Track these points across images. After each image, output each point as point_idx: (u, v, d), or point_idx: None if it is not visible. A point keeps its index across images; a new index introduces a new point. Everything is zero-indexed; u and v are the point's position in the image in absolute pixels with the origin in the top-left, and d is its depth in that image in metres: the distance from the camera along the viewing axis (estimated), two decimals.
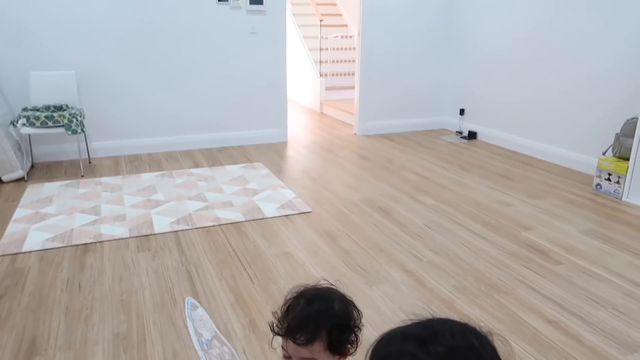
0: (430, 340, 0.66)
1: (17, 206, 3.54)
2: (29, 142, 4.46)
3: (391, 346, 0.69)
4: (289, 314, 1.01)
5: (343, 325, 0.99)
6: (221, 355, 1.13)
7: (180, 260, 2.82)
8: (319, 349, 0.96)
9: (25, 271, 2.68)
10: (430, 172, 4.38)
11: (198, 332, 1.09)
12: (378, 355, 0.70)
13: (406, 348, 0.66)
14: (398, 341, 0.69)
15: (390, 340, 0.71)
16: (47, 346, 2.08)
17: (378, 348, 0.71)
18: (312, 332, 0.95)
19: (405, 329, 0.71)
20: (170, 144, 5.07)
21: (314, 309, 0.99)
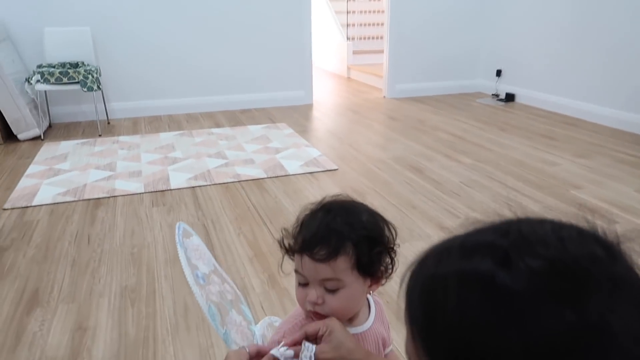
0: (516, 250, 0.40)
1: (31, 163, 3.40)
2: (45, 101, 4.31)
3: (444, 266, 0.43)
4: (303, 229, 0.77)
5: (373, 238, 0.76)
6: (222, 293, 0.90)
7: (197, 215, 2.62)
8: (344, 267, 0.73)
9: (34, 224, 2.53)
10: (465, 133, 4.07)
11: (192, 264, 0.85)
12: (422, 281, 0.45)
13: (472, 267, 0.41)
14: (456, 257, 0.43)
15: (441, 256, 0.45)
16: (49, 298, 1.91)
17: (421, 270, 0.46)
18: (334, 244, 0.72)
19: (465, 239, 0.45)
20: (191, 106, 4.86)
21: (336, 218, 0.75)
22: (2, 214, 2.62)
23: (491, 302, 0.38)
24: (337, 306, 0.76)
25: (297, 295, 0.79)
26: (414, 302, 0.45)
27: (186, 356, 1.60)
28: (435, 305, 0.42)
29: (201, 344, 1.66)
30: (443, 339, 0.41)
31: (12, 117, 3.81)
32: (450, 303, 0.40)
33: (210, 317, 0.83)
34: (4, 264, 2.15)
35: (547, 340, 0.36)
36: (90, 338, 1.68)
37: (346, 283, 0.75)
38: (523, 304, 0.37)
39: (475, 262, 0.41)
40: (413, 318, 0.45)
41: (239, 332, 0.89)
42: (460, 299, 0.40)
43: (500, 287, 0.38)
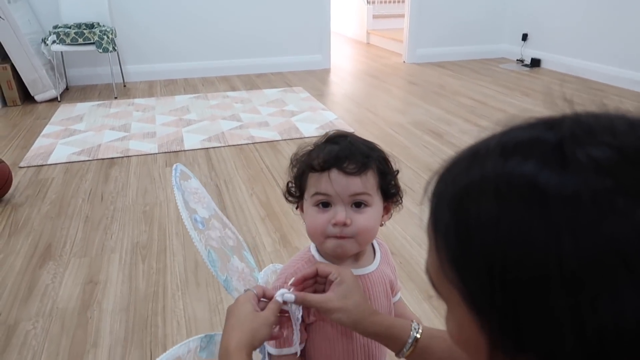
0: (571, 141, 0.32)
1: (47, 123, 3.40)
2: (62, 63, 4.30)
3: (478, 169, 0.36)
4: (319, 153, 0.74)
5: (388, 161, 0.77)
6: (223, 239, 0.86)
7: (210, 175, 2.59)
8: (372, 182, 0.72)
9: (49, 182, 2.53)
10: (487, 98, 3.93)
11: (190, 207, 0.80)
12: (452, 186, 0.37)
13: (511, 169, 0.33)
14: (492, 159, 0.35)
15: (475, 158, 0.37)
16: (62, 252, 1.91)
17: (452, 175, 0.38)
18: (362, 159, 0.71)
19: (502, 138, 0.37)
20: (207, 69, 4.80)
21: (353, 141, 0.75)
22: (18, 171, 2.63)
23: (537, 209, 0.31)
24: (365, 225, 0.72)
25: (316, 221, 0.73)
26: (441, 211, 0.38)
27: (195, 310, 1.59)
28: (468, 215, 0.35)
29: (210, 299, 1.64)
30: (476, 254, 0.34)
31: (29, 78, 3.80)
32: (486, 213, 0.33)
33: (209, 262, 0.79)
34: (18, 219, 2.16)
35: (612, 249, 0.29)
36: (100, 291, 1.68)
37: (374, 200, 0.73)
38: (580, 207, 0.30)
39: (514, 163, 0.33)
40: (439, 229, 0.38)
41: (241, 279, 0.85)
42: (499, 208, 0.33)
43: (548, 190, 0.31)
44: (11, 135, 3.21)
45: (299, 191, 0.78)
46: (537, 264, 0.31)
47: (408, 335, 0.70)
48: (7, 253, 1.91)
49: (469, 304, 0.36)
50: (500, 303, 0.33)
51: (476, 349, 0.37)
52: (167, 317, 1.56)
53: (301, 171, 0.76)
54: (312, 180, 0.74)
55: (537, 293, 0.31)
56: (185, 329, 1.51)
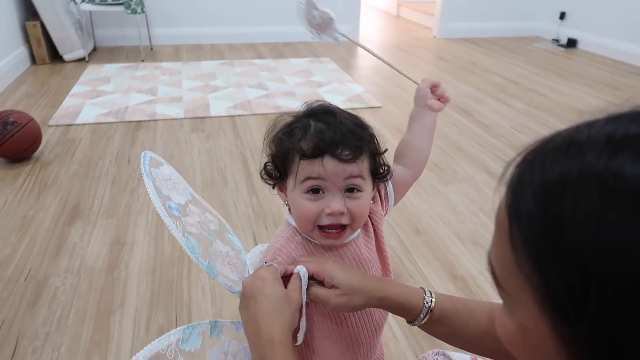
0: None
1: (75, 83, 3.41)
2: (90, 23, 4.28)
3: (578, 161, 0.31)
4: (305, 135, 0.68)
5: (376, 139, 0.73)
6: (202, 223, 0.79)
7: (235, 143, 2.58)
8: (367, 166, 0.70)
9: (77, 141, 2.55)
10: (519, 77, 3.82)
11: (163, 195, 0.74)
12: (542, 176, 0.33)
13: (620, 167, 0.30)
14: (598, 149, 0.31)
15: (573, 147, 0.33)
16: (89, 212, 1.94)
17: (542, 162, 0.34)
18: (355, 143, 0.67)
19: (607, 128, 0.33)
20: (233, 36, 4.74)
21: (342, 120, 0.69)
22: (47, 130, 2.65)
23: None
24: (360, 211, 0.70)
25: (307, 209, 0.68)
26: (525, 198, 0.34)
27: None
28: (562, 209, 0.31)
29: None
30: (568, 254, 0.30)
31: (58, 37, 3.80)
32: (585, 211, 0.29)
33: (188, 249, 0.73)
34: (47, 176, 2.19)
35: None
36: (127, 252, 1.71)
37: (367, 184, 0.70)
38: None
39: (623, 160, 0.30)
40: (520, 217, 0.34)
41: (226, 262, 0.79)
42: (603, 208, 0.29)
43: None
44: (40, 93, 3.23)
45: (280, 172, 0.73)
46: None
47: (420, 308, 0.68)
48: (36, 209, 1.94)
49: (547, 307, 0.32)
50: (594, 314, 0.29)
51: (541, 357, 0.34)
52: (192, 282, 1.57)
53: (284, 151, 0.70)
54: (299, 165, 0.68)
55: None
56: (210, 295, 1.52)
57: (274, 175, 0.74)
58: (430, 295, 0.69)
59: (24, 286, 1.54)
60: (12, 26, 3.59)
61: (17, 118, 2.27)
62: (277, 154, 0.72)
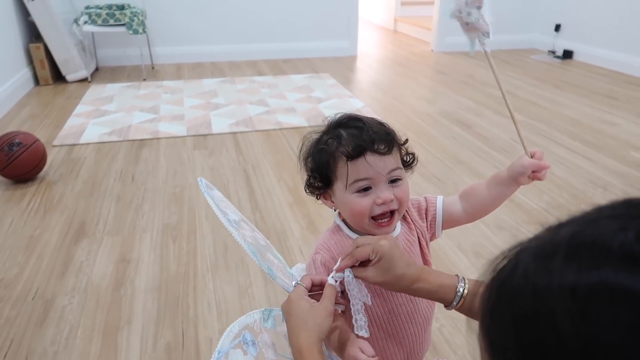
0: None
1: (79, 103, 3.46)
2: (92, 44, 4.35)
3: (557, 275, 0.32)
4: (340, 141, 0.77)
5: (395, 133, 0.82)
6: (255, 238, 0.87)
7: (237, 159, 2.61)
8: (399, 157, 0.80)
9: (81, 161, 2.58)
10: (517, 89, 3.86)
11: (222, 210, 0.81)
12: (517, 298, 0.33)
13: (610, 278, 0.30)
14: (573, 265, 0.31)
15: (547, 262, 0.33)
16: (95, 230, 1.96)
17: (510, 288, 0.34)
18: (387, 138, 0.78)
19: (578, 237, 0.33)
20: (234, 53, 4.81)
21: (369, 123, 0.79)
22: (51, 150, 2.68)
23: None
24: (405, 197, 0.79)
25: (361, 205, 0.77)
26: (501, 331, 0.34)
27: (225, 293, 1.61)
28: (547, 337, 0.31)
29: (240, 282, 1.67)
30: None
31: (61, 58, 3.86)
32: (574, 333, 0.30)
33: (251, 253, 0.80)
34: (53, 196, 2.22)
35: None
36: (133, 270, 1.72)
37: (404, 173, 0.80)
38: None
39: (607, 272, 0.30)
40: (498, 350, 0.34)
41: (279, 269, 0.86)
42: (599, 324, 0.29)
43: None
44: (44, 114, 3.27)
45: (324, 181, 0.80)
46: None
47: (454, 294, 0.74)
48: (43, 229, 1.96)
49: None
50: None
51: None
52: (198, 298, 1.59)
53: (327, 160, 0.78)
54: (348, 169, 0.76)
55: None
56: (216, 311, 1.53)
57: (317, 186, 0.82)
58: (463, 282, 0.75)
59: (31, 305, 1.55)
60: (16, 48, 3.65)
61: (22, 139, 2.30)
62: (319, 165, 0.80)
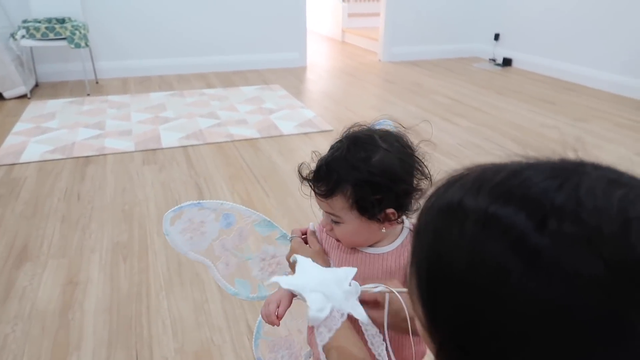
0: (557, 213, 0.32)
1: (18, 121, 3.30)
2: (31, 59, 4.17)
3: (473, 198, 0.36)
4: (322, 159, 0.76)
5: (376, 183, 0.70)
6: (234, 249, 0.89)
7: (189, 173, 2.56)
8: (340, 206, 0.72)
9: (22, 181, 2.46)
10: (463, 96, 4.00)
11: (196, 256, 0.87)
12: (440, 206, 0.39)
13: (503, 214, 0.34)
14: (490, 193, 0.35)
15: (476, 185, 0.37)
16: (39, 253, 1.86)
17: (444, 194, 0.39)
18: (332, 183, 0.71)
19: (509, 177, 0.36)
20: (182, 66, 4.73)
21: (342, 154, 0.72)
22: None
23: (516, 256, 0.32)
24: (340, 236, 0.77)
25: (322, 220, 0.81)
26: (424, 230, 0.40)
27: (181, 310, 1.57)
28: (449, 239, 0.36)
29: (195, 298, 1.63)
30: (446, 286, 0.36)
31: None
32: (465, 244, 0.35)
33: (244, 296, 0.89)
34: None
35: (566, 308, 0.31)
36: (81, 292, 1.65)
37: (345, 220, 0.73)
38: (548, 265, 0.31)
39: (508, 210, 0.33)
40: (417, 250, 0.40)
41: (273, 264, 0.89)
42: (480, 243, 0.34)
43: (529, 246, 0.32)
44: None
45: None
46: (503, 310, 0.34)
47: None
48: None
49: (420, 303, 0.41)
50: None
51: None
52: (152, 318, 1.53)
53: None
54: None
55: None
56: (171, 329, 1.49)
57: None
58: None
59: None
60: None
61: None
62: None
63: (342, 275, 0.68)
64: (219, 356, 1.39)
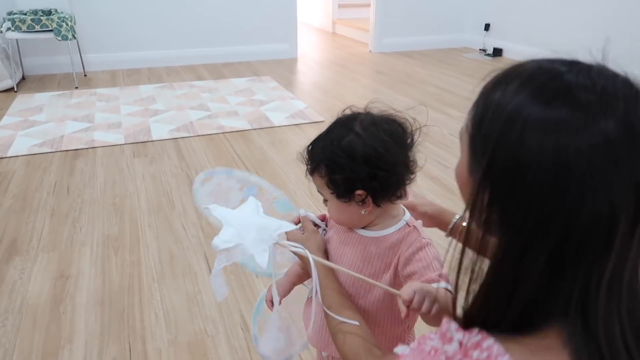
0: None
1: (4, 114, 3.25)
2: (17, 51, 4.10)
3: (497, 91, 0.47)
4: None
5: (339, 163, 0.72)
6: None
7: (180, 165, 2.54)
8: (319, 184, 0.77)
9: (10, 175, 2.43)
10: (453, 86, 4.01)
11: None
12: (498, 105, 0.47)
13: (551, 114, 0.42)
14: (529, 93, 0.45)
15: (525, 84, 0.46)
16: (28, 247, 1.84)
17: (503, 94, 0.47)
18: (312, 162, 0.76)
19: (547, 78, 0.47)
20: (171, 59, 4.69)
21: (322, 136, 0.77)
22: None
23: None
24: (329, 214, 0.82)
25: None
26: (482, 119, 0.47)
27: (173, 302, 1.56)
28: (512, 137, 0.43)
29: (188, 290, 1.62)
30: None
31: None
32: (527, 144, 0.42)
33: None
34: None
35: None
36: (72, 285, 1.64)
37: (327, 197, 0.78)
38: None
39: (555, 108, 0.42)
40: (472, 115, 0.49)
41: (281, 251, 0.86)
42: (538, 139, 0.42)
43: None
44: None
45: None
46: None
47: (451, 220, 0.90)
48: None
49: (470, 152, 0.50)
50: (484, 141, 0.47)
51: (466, 189, 0.50)
52: (145, 310, 1.53)
53: None
54: None
55: None
56: (164, 321, 1.48)
57: None
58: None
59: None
60: None
61: None
62: None
63: (274, 226, 0.76)
64: (213, 347, 1.39)
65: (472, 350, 0.44)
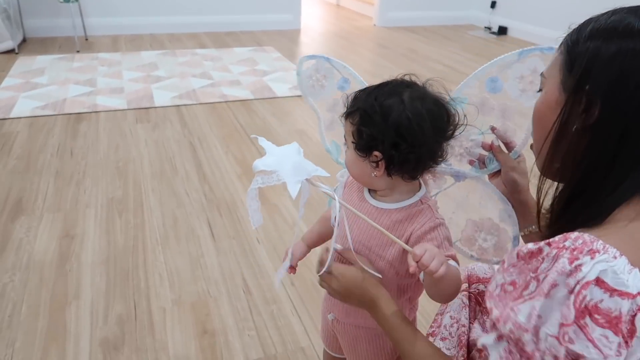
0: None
1: (6, 76, 3.23)
2: (18, 12, 4.05)
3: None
4: None
5: (371, 118, 0.74)
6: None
7: (183, 132, 2.56)
8: (348, 128, 0.79)
9: (13, 136, 2.44)
10: (458, 64, 3.99)
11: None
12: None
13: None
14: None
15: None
16: (34, 207, 1.87)
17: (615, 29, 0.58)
18: (350, 107, 0.79)
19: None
20: (174, 25, 4.63)
21: (371, 89, 0.78)
22: None
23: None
24: (345, 161, 0.82)
25: None
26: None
27: (177, 264, 1.60)
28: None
29: (191, 253, 1.66)
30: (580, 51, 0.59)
31: None
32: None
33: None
34: None
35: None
36: (78, 245, 1.67)
37: (349, 145, 0.79)
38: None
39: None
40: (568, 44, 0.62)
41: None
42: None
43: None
44: None
45: None
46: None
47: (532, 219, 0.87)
48: None
49: (562, 76, 0.59)
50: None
51: (550, 116, 0.59)
52: (149, 270, 1.57)
53: None
54: None
55: None
56: (168, 282, 1.52)
57: None
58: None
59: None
60: None
61: None
62: None
63: (311, 168, 0.76)
64: (216, 307, 1.44)
65: (562, 242, 0.48)
